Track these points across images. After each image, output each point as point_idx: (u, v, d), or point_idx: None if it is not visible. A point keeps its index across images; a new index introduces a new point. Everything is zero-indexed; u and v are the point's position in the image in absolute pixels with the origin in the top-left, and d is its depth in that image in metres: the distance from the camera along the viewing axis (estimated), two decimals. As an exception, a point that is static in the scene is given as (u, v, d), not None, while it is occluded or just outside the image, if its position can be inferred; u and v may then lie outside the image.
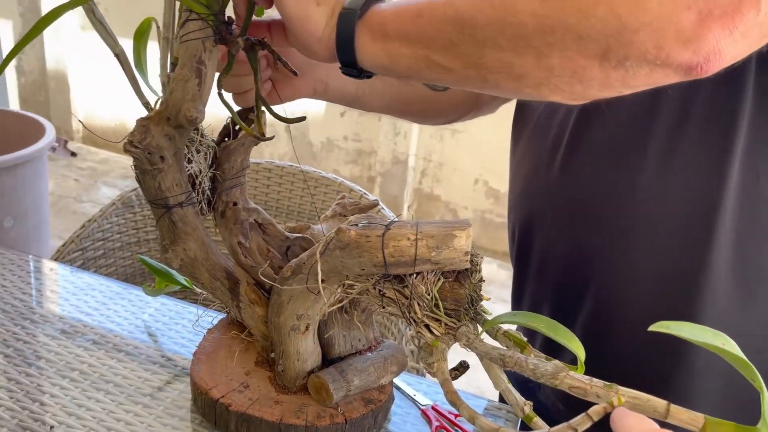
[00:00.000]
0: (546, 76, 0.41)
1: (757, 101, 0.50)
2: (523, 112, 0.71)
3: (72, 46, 3.37)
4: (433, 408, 0.71)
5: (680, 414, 0.37)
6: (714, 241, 0.53)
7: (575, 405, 0.53)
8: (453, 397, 0.45)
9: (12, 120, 1.63)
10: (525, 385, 0.79)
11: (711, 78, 0.49)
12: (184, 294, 0.83)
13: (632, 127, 0.55)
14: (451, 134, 2.86)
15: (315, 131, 3.10)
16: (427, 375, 0.89)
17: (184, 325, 0.80)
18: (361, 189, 1.00)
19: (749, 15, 0.37)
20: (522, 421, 0.70)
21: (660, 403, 0.38)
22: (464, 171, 2.90)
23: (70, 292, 0.83)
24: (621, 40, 0.38)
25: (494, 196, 2.84)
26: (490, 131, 2.76)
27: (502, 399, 0.84)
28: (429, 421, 0.69)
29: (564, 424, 0.38)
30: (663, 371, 0.56)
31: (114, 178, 3.11)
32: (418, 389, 0.73)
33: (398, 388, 0.73)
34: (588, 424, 0.37)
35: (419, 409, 0.71)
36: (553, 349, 0.52)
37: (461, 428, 0.68)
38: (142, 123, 0.52)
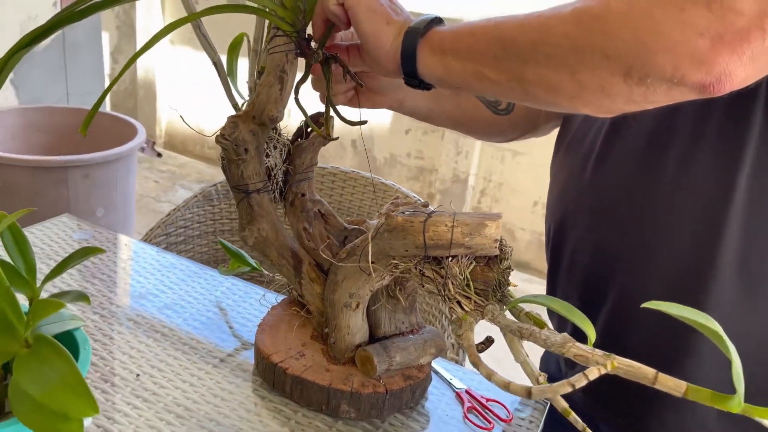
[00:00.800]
0: (578, 90, 0.49)
1: (765, 120, 0.56)
2: (564, 127, 0.78)
3: (161, 59, 3.63)
4: (466, 392, 0.78)
5: (666, 381, 0.44)
6: (721, 245, 0.58)
7: (588, 390, 0.60)
8: (475, 359, 0.53)
9: (108, 121, 1.81)
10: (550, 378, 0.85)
11: (723, 99, 0.55)
12: (252, 276, 0.93)
13: (652, 142, 0.62)
14: (512, 155, 2.91)
15: (380, 147, 3.22)
16: (465, 364, 0.96)
17: (250, 303, 0.90)
18: (416, 196, 1.08)
19: (756, 42, 0.43)
20: (550, 408, 0.77)
21: (649, 371, 0.44)
22: (523, 192, 2.95)
23: (155, 269, 0.95)
24: (643, 60, 0.45)
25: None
26: (551, 154, 2.80)
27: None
28: (462, 403, 0.76)
29: (564, 381, 0.45)
30: (676, 361, 0.62)
31: (191, 182, 3.32)
32: (455, 375, 0.80)
33: (437, 373, 0.81)
34: (584, 382, 0.44)
35: (454, 391, 0.78)
36: (580, 339, 0.59)
37: (491, 411, 0.75)
38: (232, 119, 0.63)
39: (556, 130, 0.88)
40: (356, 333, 0.72)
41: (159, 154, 1.81)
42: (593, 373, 0.44)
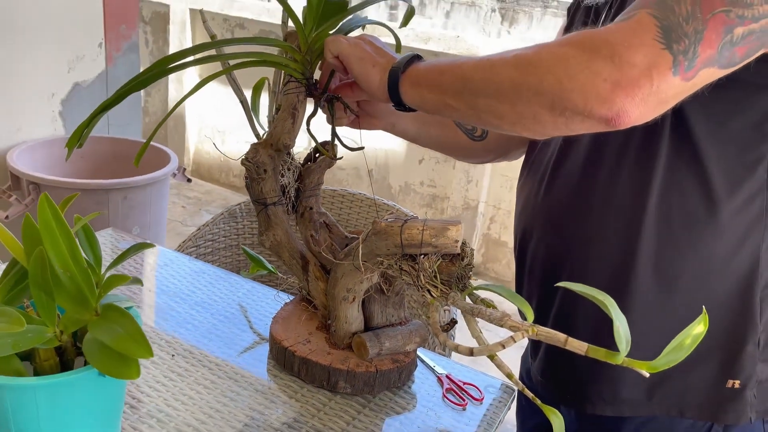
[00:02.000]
0: (517, 118, 0.64)
1: (672, 144, 0.70)
2: (528, 154, 0.94)
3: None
4: (447, 376, 0.92)
5: (573, 343, 0.58)
6: (639, 252, 0.72)
7: (552, 379, 0.74)
8: (437, 331, 0.67)
9: (149, 150, 2.00)
10: (524, 367, 0.99)
11: (638, 132, 0.70)
12: (269, 280, 1.09)
13: (587, 167, 0.77)
14: (520, 184, 3.06)
15: (394, 175, 3.39)
16: (451, 355, 1.10)
17: (266, 303, 1.06)
18: (411, 212, 1.24)
19: (645, 87, 0.57)
20: (520, 396, 0.90)
21: (561, 335, 0.58)
22: (531, 220, 3.08)
23: (187, 273, 1.11)
24: (561, 97, 0.60)
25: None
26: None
27: (520, 378, 1.04)
28: (442, 384, 0.90)
29: (497, 341, 0.59)
30: (611, 337, 0.75)
31: (216, 207, 3.51)
32: (438, 363, 0.95)
33: (423, 362, 0.95)
34: (512, 343, 0.58)
35: (436, 376, 0.92)
36: (565, 328, 0.71)
37: (467, 392, 0.89)
38: (254, 146, 0.79)
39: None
40: (352, 322, 0.87)
41: (189, 180, 1.99)
42: (518, 337, 0.58)
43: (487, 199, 3.19)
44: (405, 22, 0.95)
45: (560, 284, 0.58)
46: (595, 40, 0.59)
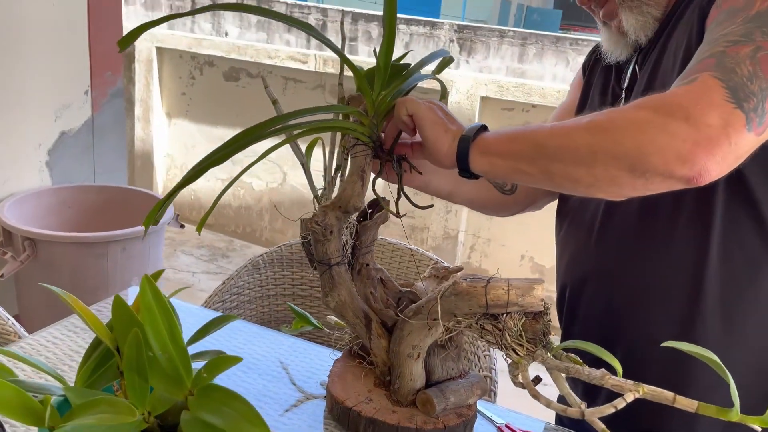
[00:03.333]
0: (594, 181, 0.66)
1: (727, 195, 0.74)
2: (562, 204, 0.97)
3: (158, 133, 3.80)
4: (506, 425, 0.92)
5: (682, 401, 0.60)
6: (704, 298, 0.76)
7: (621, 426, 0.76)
8: (534, 392, 0.68)
9: (131, 195, 1.96)
10: (574, 420, 1.00)
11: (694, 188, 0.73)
12: (315, 336, 1.07)
13: (642, 215, 0.80)
14: (499, 213, 3.12)
15: (372, 208, 3.40)
16: (498, 402, 1.10)
17: (310, 359, 1.04)
18: (440, 259, 1.25)
19: (724, 146, 0.60)
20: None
21: (669, 393, 0.60)
22: (511, 247, 3.13)
23: (222, 332, 1.08)
24: (642, 160, 0.62)
25: (539, 271, 3.05)
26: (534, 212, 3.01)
27: (558, 421, 1.05)
28: (504, 435, 0.91)
29: (608, 404, 0.60)
30: (679, 391, 0.78)
31: (190, 248, 3.44)
32: (493, 412, 0.95)
33: (479, 411, 0.95)
34: (623, 404, 0.60)
35: (495, 426, 0.92)
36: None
37: (529, 441, 0.90)
38: (323, 209, 0.79)
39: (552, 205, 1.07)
40: (417, 379, 0.86)
41: (182, 225, 1.95)
42: (629, 397, 0.60)
43: (467, 228, 3.23)
44: (439, 70, 0.97)
45: (667, 344, 0.60)
46: (667, 104, 0.62)
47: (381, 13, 0.73)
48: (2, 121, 1.73)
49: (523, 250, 3.10)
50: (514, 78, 3.75)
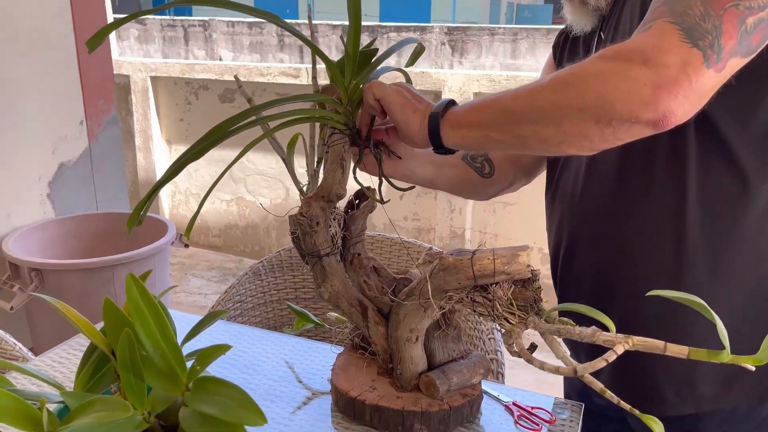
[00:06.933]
0: (563, 137, 0.66)
1: (698, 149, 0.74)
2: (549, 183, 0.97)
3: (160, 161, 3.84)
4: (513, 403, 0.92)
5: (673, 348, 0.59)
6: (687, 244, 0.75)
7: (626, 389, 0.76)
8: (528, 357, 0.68)
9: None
10: (582, 394, 1.00)
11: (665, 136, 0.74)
12: (315, 334, 1.08)
13: (619, 174, 0.80)
14: (503, 207, 3.11)
15: (377, 214, 3.41)
16: (505, 382, 1.10)
17: (313, 356, 1.04)
18: (437, 248, 1.25)
19: (684, 85, 0.60)
20: (585, 408, 0.91)
21: (660, 342, 0.60)
22: (518, 240, 3.12)
23: (226, 337, 1.09)
24: (606, 108, 0.62)
25: (549, 262, 3.04)
26: (539, 202, 3.00)
27: (566, 396, 1.05)
28: (511, 413, 0.90)
29: (599, 358, 0.60)
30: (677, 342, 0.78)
31: (201, 270, 3.46)
32: (500, 391, 0.95)
33: (485, 392, 0.95)
34: (614, 357, 0.59)
35: (503, 405, 0.92)
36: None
37: (537, 416, 0.89)
38: (306, 200, 0.80)
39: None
40: (418, 363, 0.87)
41: (186, 245, 1.97)
42: (620, 349, 0.60)
43: (473, 225, 3.23)
44: (412, 62, 0.98)
45: (652, 293, 0.60)
46: (625, 51, 0.62)
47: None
48: (1, 157, 1.76)
49: (530, 242, 3.09)
50: (505, 72, 3.75)
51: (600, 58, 0.63)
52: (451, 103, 0.76)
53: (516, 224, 3.11)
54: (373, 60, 0.78)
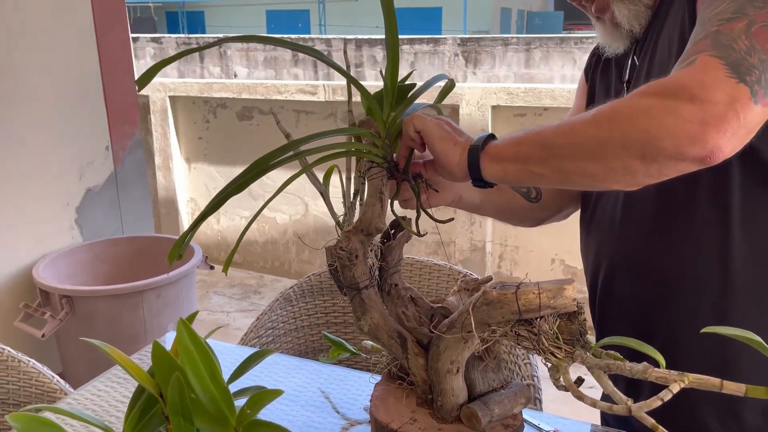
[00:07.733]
0: (607, 173, 0.66)
1: (742, 182, 0.73)
2: (584, 213, 0.97)
3: (180, 179, 3.87)
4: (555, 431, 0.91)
5: (729, 385, 0.58)
6: (732, 276, 0.74)
7: (667, 419, 0.74)
8: (578, 393, 0.67)
9: (165, 243, 2.00)
10: (619, 419, 0.99)
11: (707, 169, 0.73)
12: (353, 362, 1.07)
13: (660, 208, 0.79)
14: (524, 219, 3.10)
15: (397, 229, 3.40)
16: (543, 409, 1.09)
17: (350, 385, 1.04)
18: (473, 273, 1.25)
19: (733, 121, 0.59)
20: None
21: (716, 380, 0.59)
22: (540, 252, 3.11)
23: (262, 366, 1.09)
24: (652, 145, 0.62)
25: (572, 273, 3.01)
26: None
27: (604, 422, 1.03)
28: (553, 442, 0.89)
29: (653, 397, 0.59)
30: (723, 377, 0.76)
31: (222, 288, 3.47)
32: (540, 419, 0.94)
33: (525, 420, 0.94)
34: (669, 396, 0.59)
35: (544, 433, 0.91)
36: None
37: (580, 446, 0.88)
38: (346, 234, 0.80)
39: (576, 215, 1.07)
40: (459, 394, 0.86)
41: (211, 267, 1.98)
42: (675, 388, 0.59)
43: (493, 238, 3.21)
44: (441, 98, 0.98)
45: (707, 329, 0.59)
46: (670, 88, 0.61)
47: (383, 36, 0.74)
48: (30, 184, 1.79)
49: (552, 254, 3.07)
50: (522, 84, 3.74)
51: (644, 95, 0.62)
52: (491, 137, 0.76)
53: (537, 236, 3.09)
54: (409, 95, 0.78)
